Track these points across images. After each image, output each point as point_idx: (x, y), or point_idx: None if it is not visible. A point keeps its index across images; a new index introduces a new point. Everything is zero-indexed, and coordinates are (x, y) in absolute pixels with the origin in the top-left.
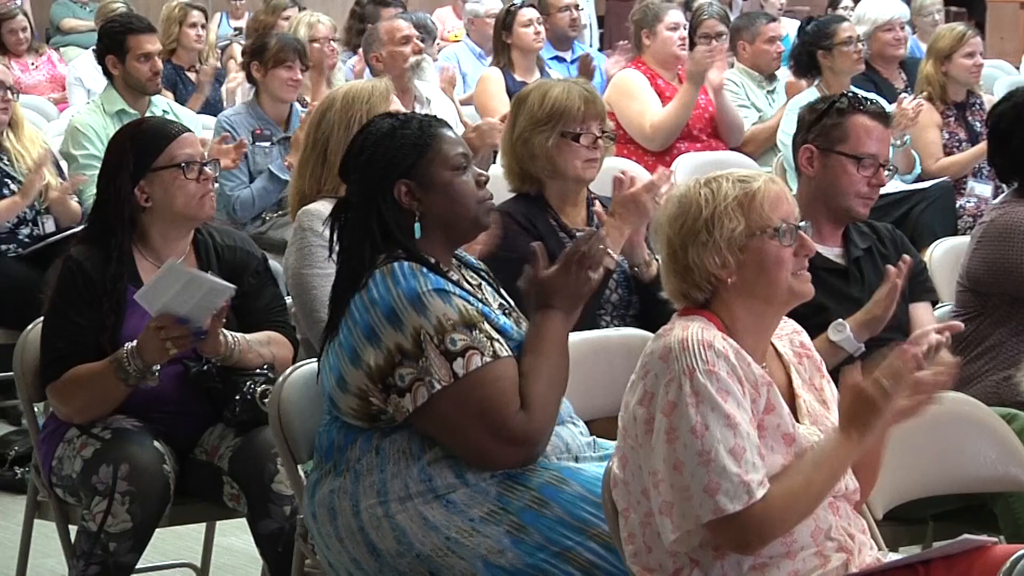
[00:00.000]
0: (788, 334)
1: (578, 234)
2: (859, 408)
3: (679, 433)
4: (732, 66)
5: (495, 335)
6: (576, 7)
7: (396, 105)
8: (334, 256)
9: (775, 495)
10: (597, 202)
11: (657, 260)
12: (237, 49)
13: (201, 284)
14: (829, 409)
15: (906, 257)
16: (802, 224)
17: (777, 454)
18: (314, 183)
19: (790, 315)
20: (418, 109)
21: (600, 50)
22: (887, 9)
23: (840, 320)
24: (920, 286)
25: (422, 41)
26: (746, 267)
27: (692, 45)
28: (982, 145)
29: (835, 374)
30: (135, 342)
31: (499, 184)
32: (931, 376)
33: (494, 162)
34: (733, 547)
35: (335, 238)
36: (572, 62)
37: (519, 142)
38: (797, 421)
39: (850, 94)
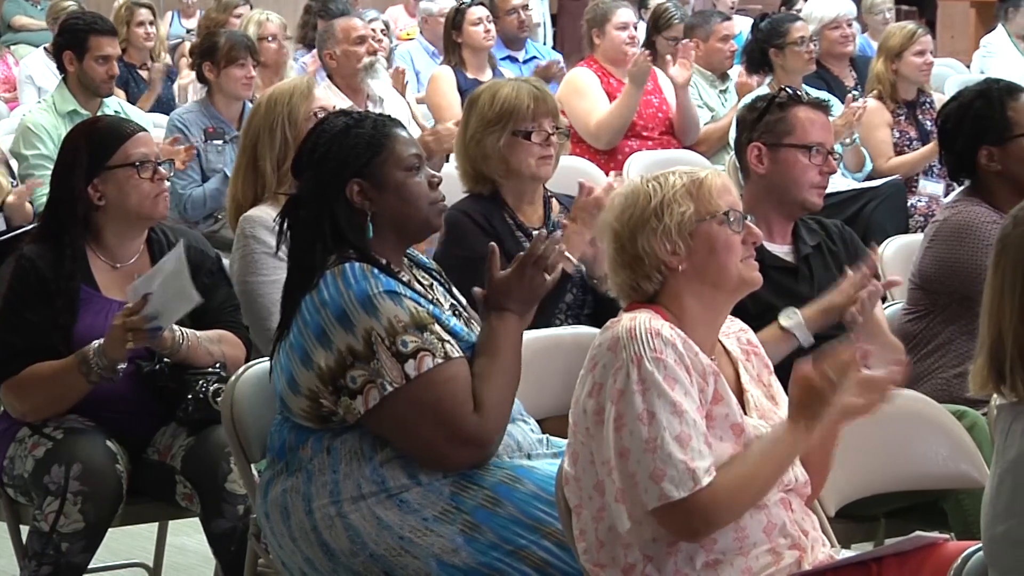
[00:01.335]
0: (735, 332)
1: (535, 233)
2: (807, 398)
3: (626, 420)
4: None
5: (446, 336)
6: (524, 8)
7: (319, 103)
8: (281, 253)
9: (722, 482)
10: (555, 200)
11: None
12: (188, 47)
13: (181, 280)
14: (778, 405)
15: (874, 245)
16: (748, 216)
17: (726, 443)
18: (248, 189)
19: (740, 315)
20: (371, 108)
21: (553, 48)
22: (833, 7)
23: (792, 308)
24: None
25: (378, 42)
26: (696, 253)
27: (651, 45)
28: (933, 145)
29: (785, 366)
30: (102, 340)
31: (454, 184)
32: (882, 375)
33: (447, 161)
34: (680, 534)
35: (285, 236)
36: (525, 62)
37: (472, 143)
38: (745, 415)
39: (789, 89)
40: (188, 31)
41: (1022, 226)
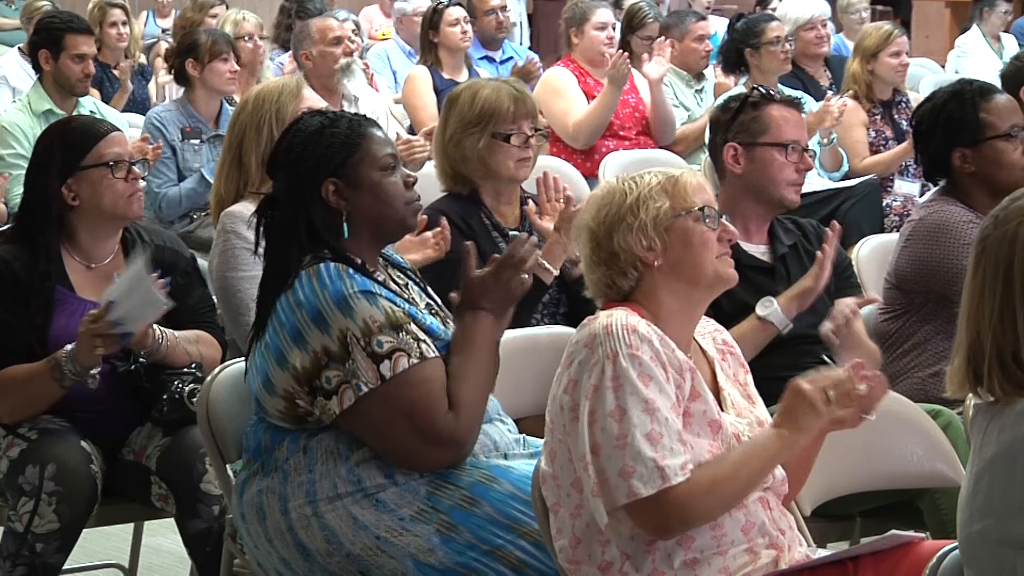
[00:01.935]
0: (711, 332)
1: (512, 234)
2: (798, 409)
3: (597, 416)
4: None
5: (422, 336)
6: (502, 9)
7: (307, 102)
8: (259, 253)
9: (700, 480)
10: (531, 201)
11: None
12: (164, 47)
13: (144, 287)
14: (754, 404)
15: (835, 223)
16: (724, 215)
17: (703, 439)
18: (231, 185)
19: (716, 315)
20: (346, 108)
21: (530, 48)
22: (807, 8)
23: (768, 296)
24: (845, 282)
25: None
26: (671, 249)
27: (626, 45)
28: (907, 143)
29: (762, 359)
30: (74, 344)
31: (431, 184)
32: (869, 391)
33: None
34: (651, 531)
35: (261, 235)
36: (502, 62)
37: (451, 144)
38: (722, 411)
39: (761, 88)
40: (163, 31)
41: (1003, 227)
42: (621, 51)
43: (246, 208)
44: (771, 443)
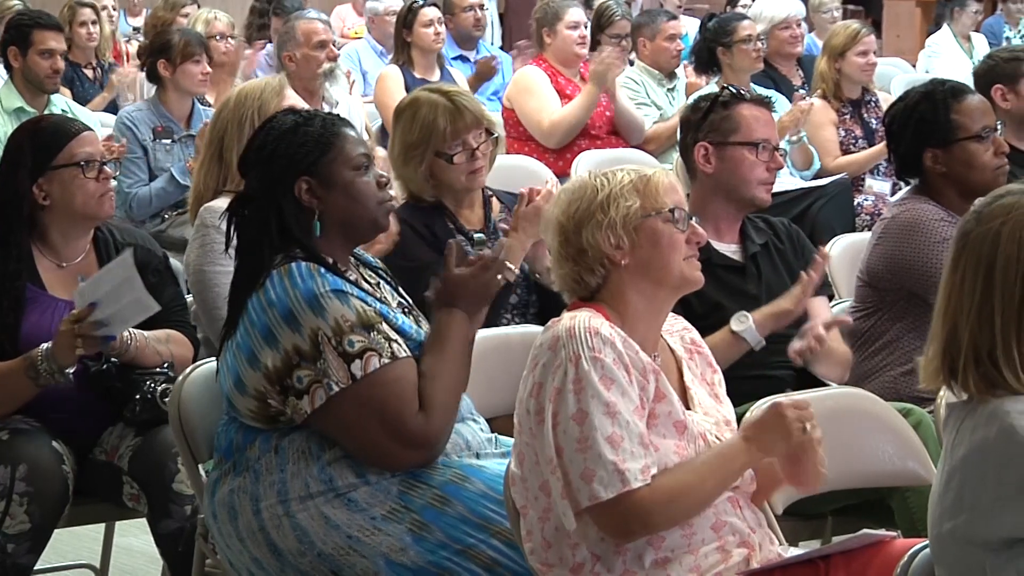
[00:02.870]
0: (679, 331)
1: (476, 236)
2: (774, 431)
3: (560, 419)
4: (632, 64)
5: (393, 336)
6: (481, 7)
7: (289, 101)
8: (231, 250)
9: (663, 485)
10: (495, 199)
11: None
12: (135, 46)
13: (134, 289)
14: (721, 403)
15: (823, 251)
16: (694, 217)
17: (669, 440)
18: (211, 181)
19: (687, 314)
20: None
21: (501, 48)
22: (783, 7)
23: (743, 311)
24: None
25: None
26: (640, 248)
27: (596, 44)
28: (881, 146)
29: (734, 368)
30: (50, 343)
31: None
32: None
33: None
34: (612, 533)
35: (232, 232)
36: (475, 62)
37: (399, 163)
38: (689, 410)
39: (731, 87)
40: (134, 28)
41: (986, 224)
42: (607, 49)
43: (225, 203)
44: (738, 455)
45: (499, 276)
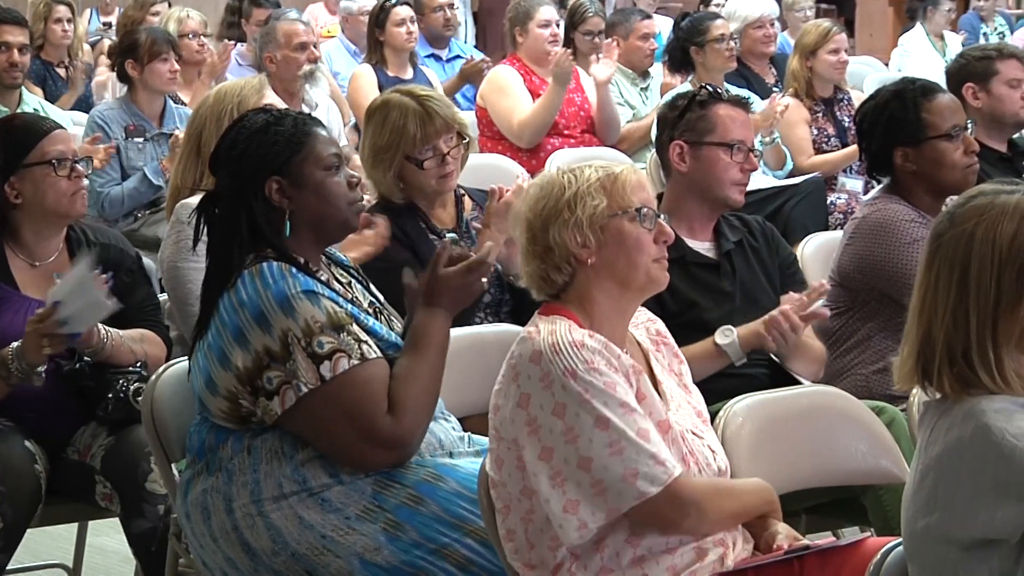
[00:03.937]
0: (643, 323)
1: (448, 235)
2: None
3: (579, 431)
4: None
5: (364, 337)
6: (450, 7)
7: (269, 99)
8: (197, 250)
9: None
10: (468, 198)
11: None
12: (107, 44)
13: (91, 290)
14: (690, 393)
15: (823, 283)
16: (662, 215)
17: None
18: (188, 177)
19: (662, 312)
20: None
21: (475, 47)
22: (757, 6)
23: (728, 326)
24: (790, 278)
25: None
26: (606, 247)
27: (570, 43)
28: (854, 147)
29: (711, 381)
30: (20, 342)
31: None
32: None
33: None
34: (665, 524)
35: (201, 230)
36: (448, 60)
37: (368, 165)
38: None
39: (709, 87)
40: (106, 26)
41: (959, 226)
42: (566, 49)
43: None
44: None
45: (483, 279)
